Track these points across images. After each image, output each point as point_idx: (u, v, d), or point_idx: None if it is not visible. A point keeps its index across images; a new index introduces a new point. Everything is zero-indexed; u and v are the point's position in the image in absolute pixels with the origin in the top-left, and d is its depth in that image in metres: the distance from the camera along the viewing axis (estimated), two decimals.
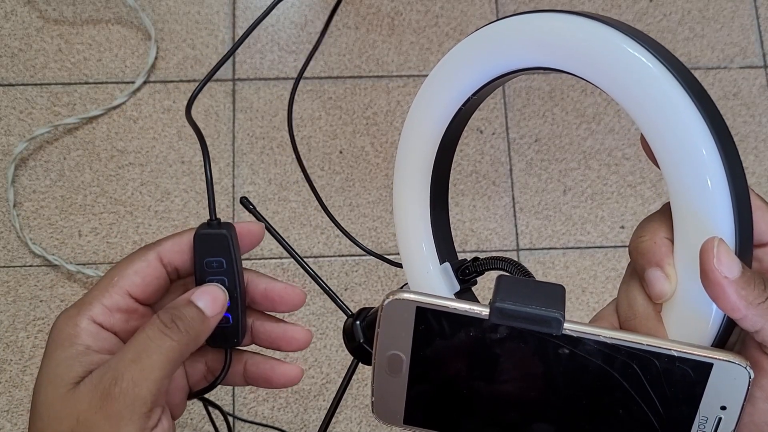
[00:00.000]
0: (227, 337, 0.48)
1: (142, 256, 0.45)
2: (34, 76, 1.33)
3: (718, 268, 0.35)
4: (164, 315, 0.43)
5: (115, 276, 0.45)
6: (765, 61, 1.38)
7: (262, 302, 0.49)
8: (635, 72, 0.37)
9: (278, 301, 0.49)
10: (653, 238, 0.39)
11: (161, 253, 0.46)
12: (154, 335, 0.42)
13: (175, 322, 0.42)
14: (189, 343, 0.43)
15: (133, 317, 0.45)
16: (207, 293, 0.44)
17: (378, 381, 0.42)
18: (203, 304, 0.44)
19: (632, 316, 0.40)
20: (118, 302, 0.44)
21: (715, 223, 0.36)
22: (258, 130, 1.32)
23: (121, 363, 0.41)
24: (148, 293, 0.45)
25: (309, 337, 0.50)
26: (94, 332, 0.43)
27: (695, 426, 0.38)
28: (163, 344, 0.41)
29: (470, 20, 1.39)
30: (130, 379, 0.40)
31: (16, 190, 1.27)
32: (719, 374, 0.37)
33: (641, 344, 0.38)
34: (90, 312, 0.43)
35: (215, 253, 0.46)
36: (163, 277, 0.46)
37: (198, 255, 0.46)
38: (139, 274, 0.45)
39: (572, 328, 0.38)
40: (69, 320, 0.43)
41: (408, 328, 0.40)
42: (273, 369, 0.50)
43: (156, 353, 0.41)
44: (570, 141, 1.34)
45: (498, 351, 0.40)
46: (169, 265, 0.46)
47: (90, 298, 0.44)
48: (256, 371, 0.50)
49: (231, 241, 0.46)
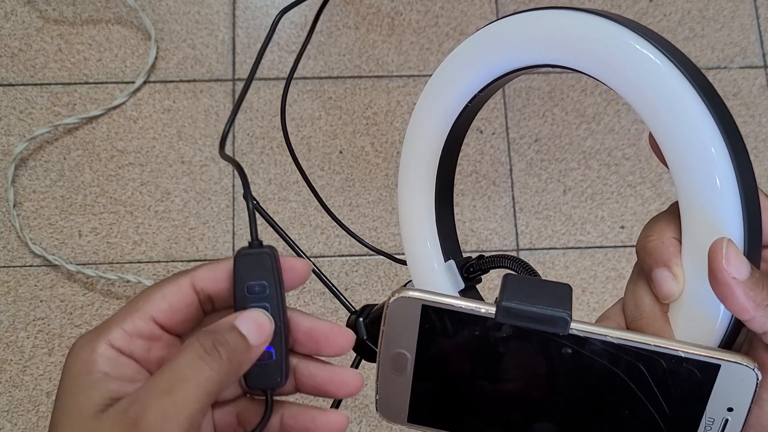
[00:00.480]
0: (269, 377, 0.42)
1: (174, 281, 0.41)
2: (34, 76, 1.33)
3: (726, 269, 0.35)
4: (205, 339, 0.38)
5: (140, 300, 0.41)
6: (765, 61, 1.38)
7: (305, 343, 0.43)
8: (644, 70, 0.37)
9: (323, 342, 0.43)
10: (661, 238, 0.39)
11: (194, 279, 0.41)
12: (192, 362, 0.37)
13: (217, 348, 0.38)
14: (230, 375, 0.39)
15: (156, 345, 0.41)
16: (251, 319, 0.40)
17: (382, 379, 0.42)
18: (247, 330, 0.40)
19: (639, 316, 0.40)
20: (140, 327, 0.40)
21: (723, 223, 0.36)
22: (258, 130, 1.32)
23: (151, 393, 0.36)
24: (176, 321, 0.41)
25: (360, 381, 0.43)
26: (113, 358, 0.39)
27: (702, 427, 0.38)
28: (202, 373, 0.37)
29: (470, 20, 1.39)
30: (159, 413, 0.36)
31: (16, 190, 1.27)
32: (726, 375, 0.37)
33: (648, 345, 0.37)
34: (109, 336, 0.39)
35: (257, 276, 0.41)
36: (195, 305, 0.42)
37: (238, 278, 0.41)
38: (167, 300, 0.41)
39: (579, 328, 0.38)
40: (86, 345, 0.39)
41: (413, 327, 0.40)
42: (314, 420, 0.43)
43: (192, 383, 0.37)
44: (570, 141, 1.34)
45: (503, 350, 0.39)
46: (202, 293, 0.42)
47: (111, 322, 0.40)
48: (294, 424, 0.44)
49: (275, 261, 0.41)
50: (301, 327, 0.43)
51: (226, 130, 0.47)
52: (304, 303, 1.24)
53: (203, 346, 0.38)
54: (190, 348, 0.38)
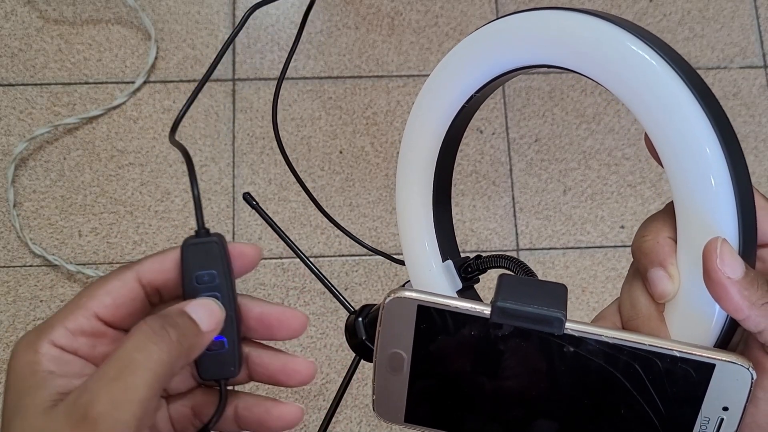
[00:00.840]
0: (222, 367, 0.42)
1: (118, 276, 0.40)
2: (34, 76, 1.33)
3: (721, 269, 0.35)
4: (154, 321, 0.37)
5: (82, 297, 0.40)
6: (765, 61, 1.38)
7: (257, 328, 0.43)
8: (639, 70, 0.37)
9: (276, 326, 0.43)
10: (656, 238, 0.39)
11: (140, 273, 0.40)
12: (140, 345, 0.36)
13: (167, 329, 0.37)
14: (180, 358, 0.38)
15: (101, 342, 0.40)
16: (202, 306, 0.40)
17: (379, 379, 0.42)
18: (197, 316, 0.39)
19: (635, 315, 0.40)
20: (83, 325, 0.39)
21: (718, 222, 0.36)
22: (258, 130, 1.32)
23: (99, 382, 0.35)
24: (121, 316, 0.40)
25: (313, 370, 0.43)
26: (56, 356, 0.38)
27: (697, 426, 0.38)
28: (151, 356, 0.36)
29: (470, 20, 1.39)
30: (109, 401, 0.35)
31: (16, 190, 1.27)
32: (721, 375, 0.37)
33: (643, 344, 0.37)
34: (51, 335, 0.38)
35: (206, 265, 0.40)
36: (140, 298, 0.41)
37: (186, 269, 0.40)
38: (111, 295, 0.40)
39: (574, 328, 0.38)
40: (28, 347, 0.38)
41: (409, 327, 0.40)
42: (268, 411, 0.43)
43: (142, 368, 0.36)
44: (570, 141, 1.34)
45: (499, 350, 0.39)
46: (148, 286, 0.41)
47: (53, 320, 0.39)
48: (249, 415, 0.43)
49: (223, 250, 0.41)
50: (252, 313, 0.43)
51: (180, 115, 0.46)
52: (304, 303, 1.25)
53: (152, 327, 0.37)
54: (137, 332, 0.37)
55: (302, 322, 0.43)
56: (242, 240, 1.27)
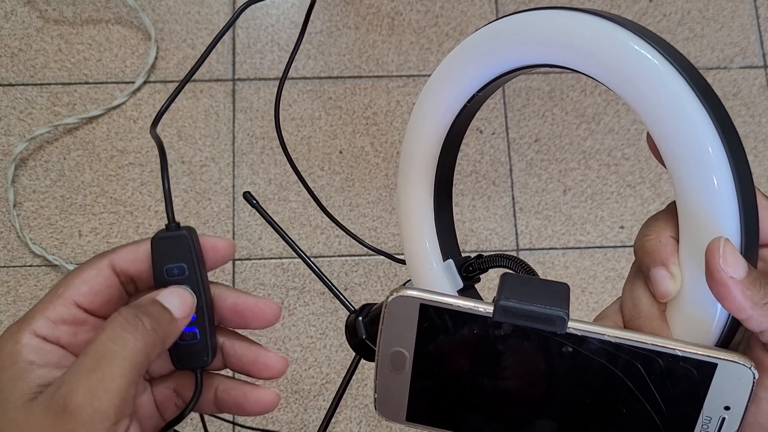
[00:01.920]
0: (196, 357, 0.43)
1: (93, 264, 0.41)
2: (34, 76, 1.33)
3: (723, 268, 0.35)
4: (127, 311, 0.38)
5: (60, 287, 0.40)
6: (765, 61, 1.38)
7: (231, 318, 0.44)
8: (642, 70, 0.37)
9: (249, 316, 0.44)
10: (658, 237, 0.39)
11: (114, 261, 0.41)
12: (115, 335, 0.37)
13: (140, 318, 0.38)
14: (155, 345, 0.38)
15: (82, 329, 0.40)
16: (173, 294, 0.40)
17: (381, 378, 0.42)
18: (169, 303, 0.40)
19: (636, 315, 0.40)
20: (63, 314, 0.40)
21: (721, 222, 0.36)
22: (258, 130, 1.32)
23: (77, 374, 0.36)
24: (99, 303, 0.41)
25: (284, 366, 0.44)
26: (37, 346, 0.38)
27: (698, 426, 0.38)
28: (126, 345, 0.37)
29: (470, 20, 1.39)
30: (86, 392, 0.35)
31: (16, 190, 1.27)
32: (723, 374, 0.37)
33: (645, 344, 0.37)
34: (32, 326, 0.39)
35: (175, 258, 0.41)
36: (116, 286, 0.42)
37: (157, 261, 0.41)
38: (87, 283, 0.40)
39: (576, 327, 0.38)
40: (10, 338, 0.38)
41: (411, 326, 0.40)
42: (245, 395, 0.44)
43: (118, 357, 0.36)
44: (570, 141, 1.34)
45: (501, 349, 0.39)
46: (123, 274, 0.42)
47: (33, 311, 0.40)
48: (227, 398, 0.44)
49: (192, 243, 0.42)
50: (226, 303, 0.44)
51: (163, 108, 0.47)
52: (304, 303, 1.25)
53: (125, 317, 0.38)
54: (112, 322, 0.38)
55: (275, 312, 0.44)
56: (242, 240, 1.27)
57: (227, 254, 0.44)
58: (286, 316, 1.24)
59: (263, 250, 1.26)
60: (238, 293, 0.44)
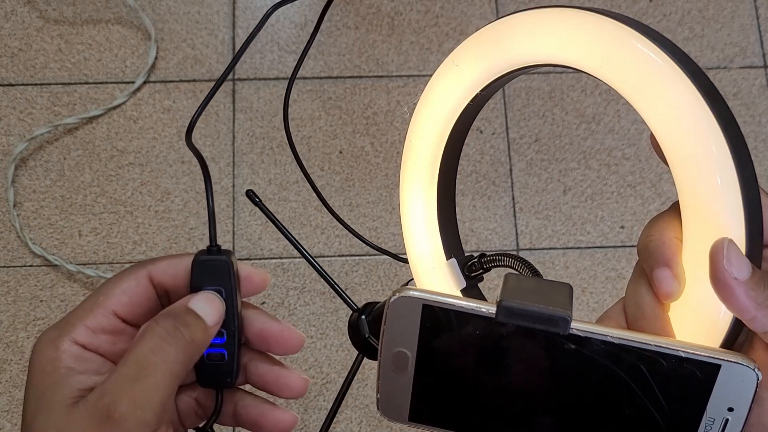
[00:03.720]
0: (220, 376, 0.44)
1: (132, 275, 0.42)
2: (34, 76, 1.33)
3: (727, 269, 0.35)
4: (165, 322, 0.39)
5: (100, 296, 0.41)
6: (765, 61, 1.38)
7: (255, 342, 0.45)
8: (645, 68, 0.37)
9: (273, 344, 0.45)
10: (662, 238, 0.39)
11: (153, 273, 0.42)
12: (156, 346, 0.38)
13: (180, 329, 0.39)
14: (193, 356, 0.40)
15: (120, 339, 0.41)
16: (204, 300, 0.41)
17: (383, 378, 0.42)
18: (202, 310, 0.40)
19: (640, 316, 0.40)
20: (103, 323, 0.41)
21: (724, 222, 0.36)
22: (258, 130, 1.32)
23: (120, 383, 0.37)
24: (137, 314, 0.42)
25: (304, 386, 0.45)
26: (77, 354, 0.39)
27: (702, 427, 0.38)
28: (168, 357, 0.38)
29: (470, 20, 1.39)
30: (130, 402, 0.36)
31: (16, 190, 1.27)
32: (727, 375, 0.37)
33: (649, 344, 0.37)
34: (72, 334, 0.40)
35: (214, 281, 0.42)
36: (153, 298, 0.43)
37: (195, 281, 0.42)
38: (127, 294, 0.41)
39: (579, 328, 0.38)
40: (50, 343, 0.39)
41: (414, 326, 0.40)
42: (264, 415, 0.45)
43: (159, 369, 0.38)
44: (570, 141, 1.34)
45: (504, 349, 0.39)
46: (159, 287, 0.43)
47: (73, 318, 0.40)
48: (246, 415, 0.45)
49: (231, 269, 0.42)
50: (253, 327, 0.44)
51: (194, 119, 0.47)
52: (304, 303, 1.24)
53: (165, 329, 0.39)
54: (151, 333, 0.39)
55: (299, 343, 0.45)
56: (242, 240, 1.27)
57: (261, 286, 0.44)
58: (286, 316, 1.24)
59: (263, 250, 1.26)
60: (266, 318, 0.45)
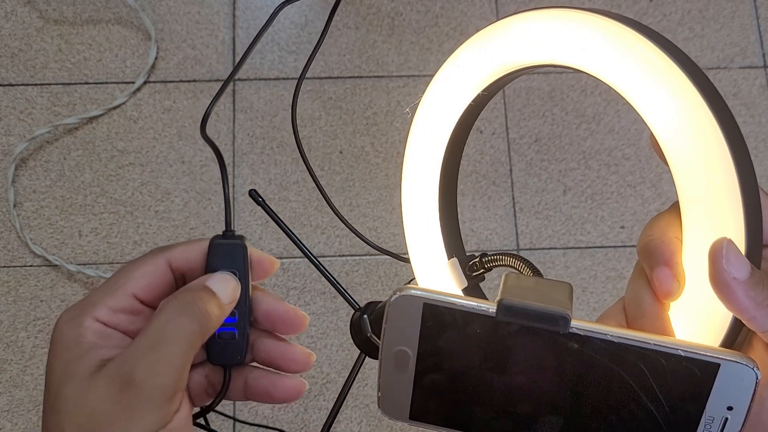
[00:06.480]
0: (230, 354, 0.46)
1: (151, 259, 0.44)
2: (34, 76, 1.33)
3: (727, 269, 0.35)
4: (183, 296, 0.42)
5: (120, 278, 0.44)
6: (765, 61, 1.38)
7: (262, 322, 0.47)
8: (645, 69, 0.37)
9: (279, 324, 0.47)
10: (662, 237, 0.39)
11: (170, 258, 0.45)
12: (173, 318, 0.41)
13: (196, 303, 0.42)
14: (208, 329, 0.42)
15: (138, 319, 0.44)
16: (221, 279, 0.44)
17: (384, 376, 0.42)
18: (218, 289, 0.43)
19: (640, 315, 0.40)
20: (123, 304, 0.43)
21: (724, 222, 0.36)
22: (258, 130, 1.32)
23: (139, 351, 0.40)
24: (154, 296, 0.44)
25: (310, 360, 0.48)
26: (98, 330, 0.42)
27: (701, 426, 0.38)
28: (184, 327, 0.41)
29: (470, 20, 1.39)
30: (148, 368, 0.39)
31: (16, 190, 1.27)
32: (726, 374, 0.37)
33: (648, 343, 0.37)
34: (94, 312, 0.42)
35: (229, 264, 0.45)
36: (170, 282, 0.45)
37: (211, 263, 0.45)
38: (146, 277, 0.44)
39: (579, 327, 0.38)
40: (72, 321, 0.42)
41: (415, 325, 0.40)
42: (274, 383, 0.48)
43: (176, 338, 0.40)
44: (570, 141, 1.34)
45: (504, 348, 0.39)
46: (176, 271, 0.45)
47: (94, 298, 0.43)
48: (257, 386, 0.48)
49: (245, 252, 0.45)
50: (261, 307, 0.47)
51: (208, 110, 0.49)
52: (305, 303, 1.25)
53: (182, 302, 0.42)
54: (169, 306, 0.41)
55: (303, 324, 0.47)
56: None
57: (270, 271, 0.47)
58: None
59: (263, 250, 1.26)
60: (272, 300, 0.47)
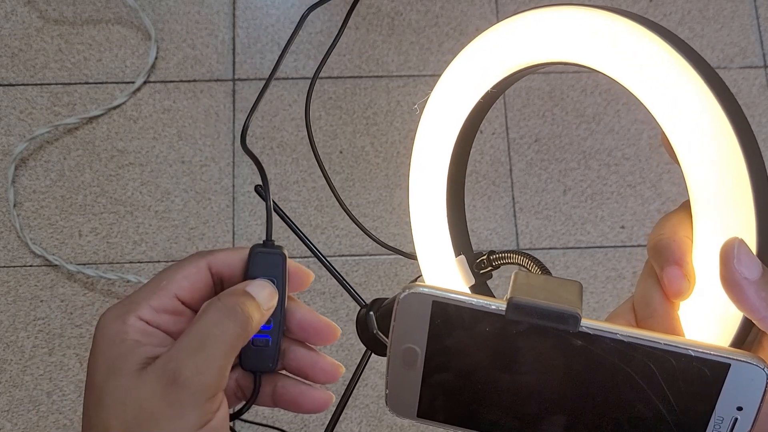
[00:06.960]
0: (263, 360, 0.47)
1: (193, 262, 0.46)
2: (34, 76, 1.33)
3: (738, 269, 0.35)
4: (227, 299, 0.43)
5: (163, 279, 0.45)
6: (765, 61, 1.38)
7: (295, 331, 0.49)
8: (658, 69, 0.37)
9: (311, 334, 0.49)
10: (672, 236, 0.39)
11: (212, 263, 0.46)
12: (218, 320, 0.42)
13: (239, 306, 0.43)
14: (249, 332, 0.44)
15: (180, 319, 0.45)
16: (261, 286, 0.45)
17: (392, 374, 0.42)
18: (257, 295, 0.45)
19: (649, 314, 0.40)
20: (165, 304, 0.44)
21: (735, 222, 0.36)
22: (258, 130, 1.32)
23: (184, 351, 0.41)
24: (195, 298, 0.46)
25: (338, 372, 0.49)
26: (142, 328, 0.43)
27: (711, 426, 0.38)
28: (227, 330, 0.42)
29: (470, 20, 1.39)
30: (194, 368, 0.41)
31: (16, 190, 1.27)
32: (736, 375, 0.37)
33: (658, 343, 0.37)
34: (137, 311, 0.43)
35: (267, 272, 0.46)
36: (211, 286, 0.46)
37: (250, 271, 0.46)
38: (189, 279, 0.45)
39: (589, 326, 0.38)
40: (116, 318, 0.43)
41: (424, 322, 0.40)
42: (303, 394, 0.49)
43: (220, 340, 0.42)
44: (570, 141, 1.34)
45: (513, 347, 0.39)
46: (216, 276, 0.46)
47: (137, 298, 0.44)
48: (285, 394, 0.49)
49: (284, 263, 0.47)
50: (294, 317, 0.48)
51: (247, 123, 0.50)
52: (305, 303, 1.24)
53: (226, 305, 0.43)
54: (213, 308, 0.43)
55: (335, 335, 0.49)
56: (242, 240, 1.27)
57: (305, 284, 0.49)
58: None
59: None
60: (306, 310, 0.49)
